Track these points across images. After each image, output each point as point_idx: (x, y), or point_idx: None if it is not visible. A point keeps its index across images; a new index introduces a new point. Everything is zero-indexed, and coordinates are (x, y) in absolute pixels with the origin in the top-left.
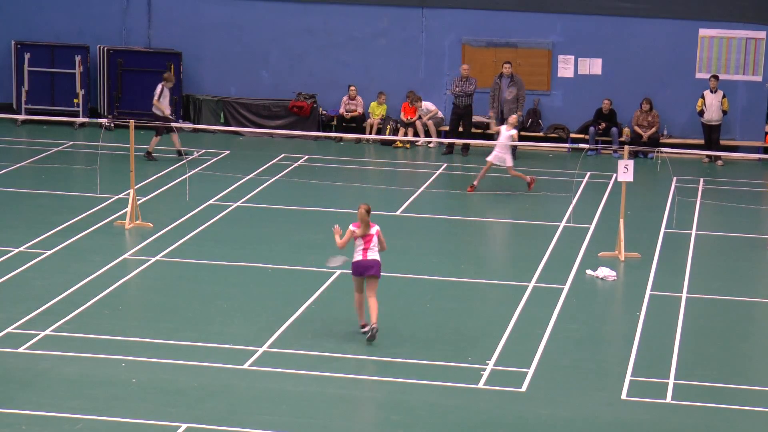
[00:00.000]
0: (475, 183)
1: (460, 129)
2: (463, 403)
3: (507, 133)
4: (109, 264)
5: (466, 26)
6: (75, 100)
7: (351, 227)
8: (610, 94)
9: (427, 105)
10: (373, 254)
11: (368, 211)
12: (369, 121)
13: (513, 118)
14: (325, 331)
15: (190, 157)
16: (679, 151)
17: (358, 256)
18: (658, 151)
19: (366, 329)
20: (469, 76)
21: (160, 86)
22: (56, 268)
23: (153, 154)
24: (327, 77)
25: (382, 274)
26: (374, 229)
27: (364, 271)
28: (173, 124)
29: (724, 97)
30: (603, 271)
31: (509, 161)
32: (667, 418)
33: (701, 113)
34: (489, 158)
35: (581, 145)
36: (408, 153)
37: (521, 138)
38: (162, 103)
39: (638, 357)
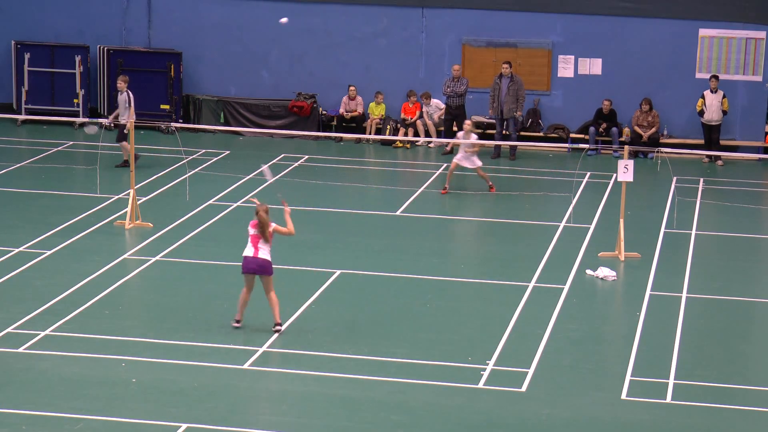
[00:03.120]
0: (446, 186)
1: (455, 129)
2: (463, 403)
3: (467, 139)
4: (109, 264)
5: (466, 26)
6: (75, 100)
7: (249, 227)
8: (610, 94)
9: (436, 103)
10: (264, 253)
11: (267, 212)
12: (368, 121)
13: (467, 124)
14: (325, 331)
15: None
16: (679, 151)
17: (248, 252)
18: (658, 151)
19: (238, 324)
20: (460, 77)
21: (129, 92)
22: (56, 268)
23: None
24: (327, 77)
25: (382, 273)
26: (270, 227)
27: (252, 269)
28: (174, 125)
29: (724, 97)
30: (603, 271)
31: (477, 161)
32: (667, 418)
33: (701, 113)
34: (455, 159)
35: (581, 145)
36: (408, 153)
37: (521, 138)
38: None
39: (638, 357)
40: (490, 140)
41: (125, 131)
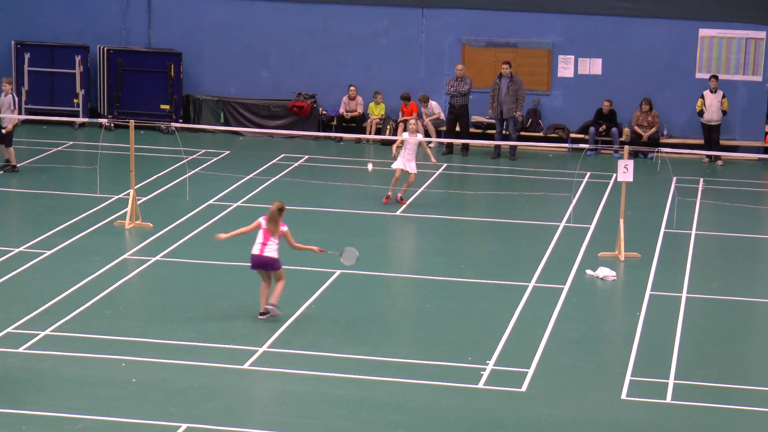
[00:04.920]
0: (399, 195)
1: (457, 129)
2: (463, 403)
3: (412, 139)
4: (109, 264)
5: (466, 26)
6: (75, 100)
7: (260, 219)
8: (610, 94)
9: (432, 106)
10: (270, 251)
11: (280, 210)
12: (368, 121)
13: (411, 124)
14: (325, 331)
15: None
16: (679, 151)
17: (255, 250)
18: (658, 151)
19: (263, 317)
20: (464, 76)
21: (14, 95)
22: (56, 268)
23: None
24: (327, 77)
25: (382, 273)
26: (283, 228)
27: (260, 266)
28: (174, 125)
29: (723, 97)
30: (603, 271)
31: (413, 169)
32: (667, 418)
33: (701, 113)
34: (394, 165)
35: (581, 145)
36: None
37: (521, 138)
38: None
39: (638, 357)
40: (490, 140)
41: (4, 132)
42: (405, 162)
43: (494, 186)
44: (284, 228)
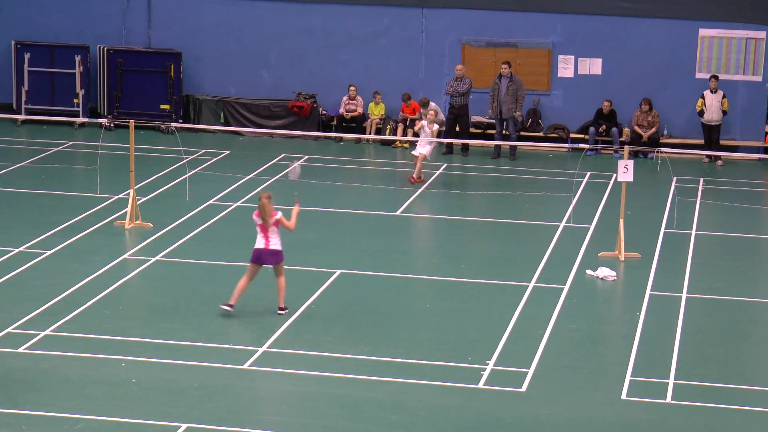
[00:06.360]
0: (414, 176)
1: (458, 129)
2: (463, 403)
3: (428, 129)
4: (109, 264)
5: (466, 26)
6: (75, 100)
7: (253, 217)
8: (610, 94)
9: (434, 107)
10: (275, 244)
11: (269, 199)
12: (368, 121)
13: (431, 114)
14: (325, 331)
15: None
16: (679, 151)
17: (260, 244)
18: (658, 151)
19: (229, 309)
20: (464, 76)
21: None
22: (56, 268)
23: None
24: (327, 77)
25: (382, 273)
26: (276, 216)
27: (265, 260)
28: (174, 125)
29: (724, 97)
30: (603, 271)
31: (428, 151)
32: (667, 418)
33: (701, 113)
34: (416, 152)
35: (581, 145)
36: (408, 153)
37: (521, 138)
38: None
39: (638, 357)
40: (490, 140)
41: None
42: (418, 146)
43: (494, 186)
44: (277, 215)
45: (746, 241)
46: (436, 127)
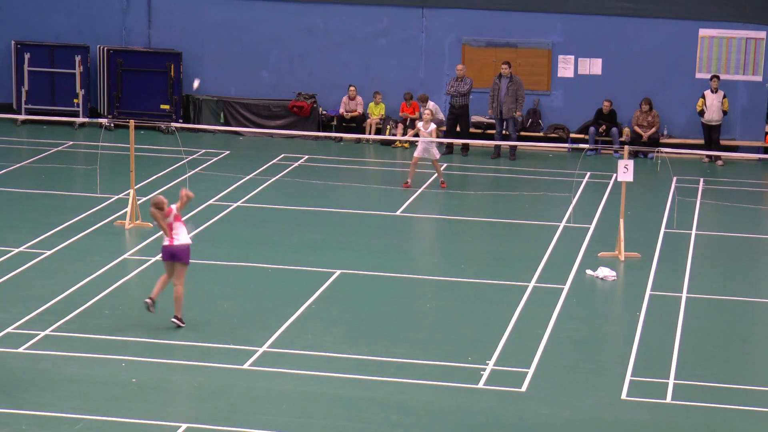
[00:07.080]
0: (408, 181)
1: (458, 129)
2: (463, 403)
3: (426, 130)
4: (109, 264)
5: (466, 26)
6: (75, 100)
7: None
8: (610, 94)
9: (430, 108)
10: (180, 239)
11: (155, 206)
12: (368, 121)
13: (426, 113)
14: (325, 331)
15: None
16: (679, 151)
17: (166, 241)
18: (658, 151)
19: (150, 302)
20: (464, 76)
21: None
22: (56, 268)
23: None
24: (327, 77)
25: (382, 273)
26: (173, 214)
27: (171, 257)
28: (174, 125)
29: (724, 97)
30: (603, 271)
31: (436, 154)
32: (667, 418)
33: (701, 113)
34: (415, 154)
35: (581, 145)
36: (408, 153)
37: (521, 138)
38: None
39: (638, 357)
40: (490, 140)
41: None
42: (423, 152)
43: (494, 186)
44: (173, 211)
45: (746, 241)
46: (432, 126)
